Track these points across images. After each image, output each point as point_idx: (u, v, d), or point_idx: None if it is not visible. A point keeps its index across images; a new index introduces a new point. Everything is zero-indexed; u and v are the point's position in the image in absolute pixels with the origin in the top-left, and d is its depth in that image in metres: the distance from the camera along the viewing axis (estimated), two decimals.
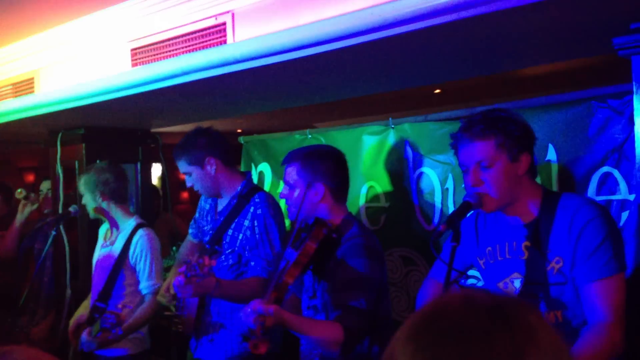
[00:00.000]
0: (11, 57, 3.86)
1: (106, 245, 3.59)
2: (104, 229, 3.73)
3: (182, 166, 3.15)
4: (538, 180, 2.23)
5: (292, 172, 2.57)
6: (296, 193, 2.56)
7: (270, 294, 2.27)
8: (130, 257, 3.50)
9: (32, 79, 3.70)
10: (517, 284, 2.09)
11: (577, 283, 1.96)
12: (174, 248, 4.33)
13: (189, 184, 3.18)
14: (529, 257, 2.06)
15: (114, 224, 3.60)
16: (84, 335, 3.25)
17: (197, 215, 3.50)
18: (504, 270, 2.14)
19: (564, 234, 1.98)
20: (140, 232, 3.52)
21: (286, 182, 2.60)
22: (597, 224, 1.94)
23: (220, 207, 3.26)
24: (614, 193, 2.55)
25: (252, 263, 3.02)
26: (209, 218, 3.31)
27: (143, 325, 3.44)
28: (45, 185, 5.06)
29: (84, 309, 3.67)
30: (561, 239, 1.99)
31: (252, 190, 3.18)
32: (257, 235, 3.03)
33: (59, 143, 4.49)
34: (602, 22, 2.21)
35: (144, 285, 3.47)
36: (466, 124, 2.08)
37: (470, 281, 2.85)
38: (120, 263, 3.49)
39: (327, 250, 2.42)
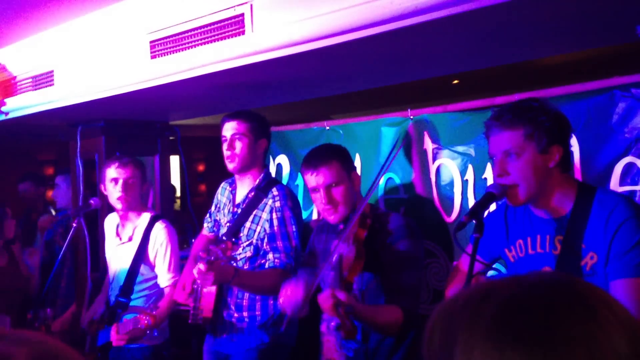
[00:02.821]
0: (31, 50, 3.88)
1: (124, 242, 3.59)
2: (112, 223, 3.74)
3: (242, 126, 3.17)
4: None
5: (336, 169, 2.58)
6: (345, 188, 2.59)
7: (340, 286, 2.28)
8: (149, 251, 3.51)
9: (52, 72, 3.72)
10: None
11: (609, 280, 1.93)
12: (193, 240, 4.34)
13: (229, 148, 3.16)
14: (562, 251, 2.02)
15: (126, 218, 3.61)
16: (112, 332, 3.26)
17: (212, 208, 3.50)
18: (535, 264, 2.11)
19: (599, 231, 1.95)
20: (158, 225, 3.53)
21: (330, 183, 2.58)
22: (634, 223, 1.91)
23: (237, 200, 3.26)
24: (637, 183, 2.51)
25: (270, 255, 3.02)
26: (226, 211, 3.32)
27: (165, 317, 3.45)
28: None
29: (98, 304, 3.69)
30: (596, 235, 1.95)
31: (270, 183, 3.20)
32: (275, 228, 3.04)
33: (78, 136, 4.52)
34: (626, 9, 2.17)
35: (164, 279, 3.48)
36: (497, 113, 2.05)
37: (490, 272, 2.83)
38: (140, 257, 3.50)
39: (372, 239, 2.45)
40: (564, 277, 0.87)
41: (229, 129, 3.17)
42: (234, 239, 3.12)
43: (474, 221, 1.99)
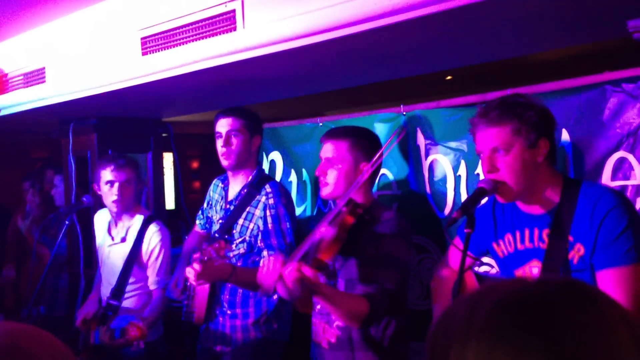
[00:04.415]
0: (22, 47, 3.86)
1: (116, 243, 3.58)
2: (103, 220, 3.71)
3: (236, 123, 3.17)
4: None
5: (340, 148, 2.58)
6: (341, 168, 2.57)
7: (310, 263, 2.26)
8: (143, 253, 3.49)
9: (43, 68, 3.70)
10: (536, 272, 2.06)
11: (595, 270, 1.94)
12: (186, 237, 4.35)
13: (224, 144, 3.15)
14: (550, 245, 2.02)
15: (120, 217, 3.59)
16: (102, 335, 3.25)
17: (205, 205, 3.49)
18: (523, 258, 2.11)
19: (585, 222, 1.95)
20: (152, 227, 3.51)
21: (329, 158, 2.59)
22: (619, 212, 1.92)
23: (230, 197, 3.26)
24: (628, 178, 2.51)
25: (265, 253, 3.02)
26: (218, 208, 3.32)
27: (156, 322, 3.44)
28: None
29: (91, 303, 3.68)
30: (583, 227, 1.96)
31: (263, 179, 3.19)
32: (269, 225, 3.04)
33: (70, 133, 4.50)
34: (616, 4, 2.17)
35: (153, 281, 3.46)
36: (483, 109, 2.05)
37: (484, 268, 2.84)
38: (133, 259, 3.47)
39: (360, 229, 2.42)
40: (564, 277, 0.85)
41: (224, 125, 3.16)
42: (227, 237, 3.11)
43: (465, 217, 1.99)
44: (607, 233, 1.92)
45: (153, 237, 3.48)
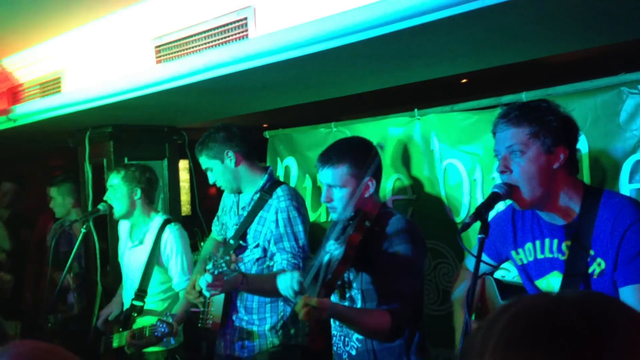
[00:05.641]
0: (38, 57, 3.90)
1: (135, 245, 3.61)
2: (125, 225, 3.75)
3: (203, 162, 3.19)
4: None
5: (340, 173, 2.45)
6: (346, 192, 2.46)
7: (320, 288, 2.24)
8: (162, 254, 3.52)
9: (59, 78, 3.74)
10: (557, 283, 2.03)
11: (618, 287, 1.90)
12: (202, 244, 4.36)
13: (211, 180, 3.21)
14: (570, 256, 1.98)
15: (137, 221, 3.62)
16: (127, 336, 3.28)
17: (220, 212, 3.50)
18: (544, 269, 2.07)
19: (606, 236, 1.91)
20: (168, 228, 3.54)
21: (331, 184, 2.48)
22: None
23: (242, 203, 3.26)
24: None
25: (278, 257, 3.01)
26: (232, 214, 3.32)
27: (181, 323, 3.45)
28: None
29: (114, 305, 3.72)
30: (603, 240, 1.92)
31: (274, 184, 3.18)
32: (281, 229, 3.02)
33: (87, 141, 4.53)
34: (632, 6, 2.15)
35: (178, 282, 3.49)
36: (504, 110, 2.02)
37: (500, 272, 2.81)
38: (153, 261, 3.51)
39: (369, 241, 2.39)
40: (578, 291, 0.84)
41: (201, 165, 3.24)
42: (241, 242, 3.11)
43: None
44: (629, 248, 1.87)
45: (170, 239, 3.51)
